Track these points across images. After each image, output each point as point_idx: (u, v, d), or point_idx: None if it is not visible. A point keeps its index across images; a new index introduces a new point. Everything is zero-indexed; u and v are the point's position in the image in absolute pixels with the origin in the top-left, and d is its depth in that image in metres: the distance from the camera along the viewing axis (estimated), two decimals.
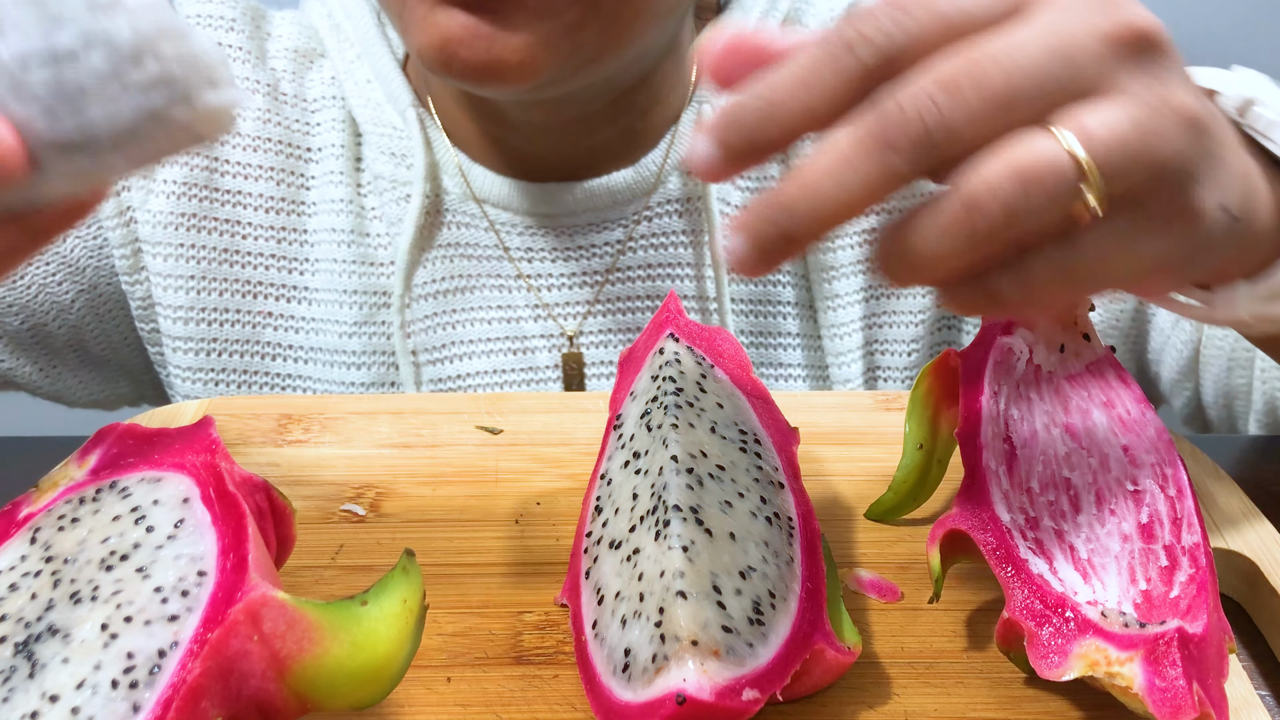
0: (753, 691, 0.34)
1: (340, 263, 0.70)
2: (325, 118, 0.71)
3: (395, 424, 0.55)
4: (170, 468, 0.36)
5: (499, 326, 0.70)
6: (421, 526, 0.48)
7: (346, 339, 0.70)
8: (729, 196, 0.70)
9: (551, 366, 0.70)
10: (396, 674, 0.32)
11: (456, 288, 0.70)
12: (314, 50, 0.73)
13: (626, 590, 0.37)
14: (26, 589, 0.33)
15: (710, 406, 0.43)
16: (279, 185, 0.70)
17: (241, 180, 0.70)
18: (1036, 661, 0.36)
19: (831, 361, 0.71)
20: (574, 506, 0.49)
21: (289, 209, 0.71)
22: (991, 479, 0.41)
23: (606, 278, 0.70)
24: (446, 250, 0.69)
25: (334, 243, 0.70)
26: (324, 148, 0.71)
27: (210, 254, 0.69)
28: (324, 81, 0.72)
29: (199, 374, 0.70)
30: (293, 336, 0.71)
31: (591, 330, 0.71)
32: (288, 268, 0.71)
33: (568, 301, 0.70)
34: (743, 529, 0.39)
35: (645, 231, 0.70)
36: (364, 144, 0.70)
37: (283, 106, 0.71)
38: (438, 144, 0.69)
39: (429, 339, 0.70)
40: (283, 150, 0.71)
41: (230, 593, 0.32)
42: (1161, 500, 0.41)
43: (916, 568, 0.46)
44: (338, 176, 0.70)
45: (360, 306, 0.70)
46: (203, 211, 0.69)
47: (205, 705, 0.30)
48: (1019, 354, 0.44)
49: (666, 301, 0.47)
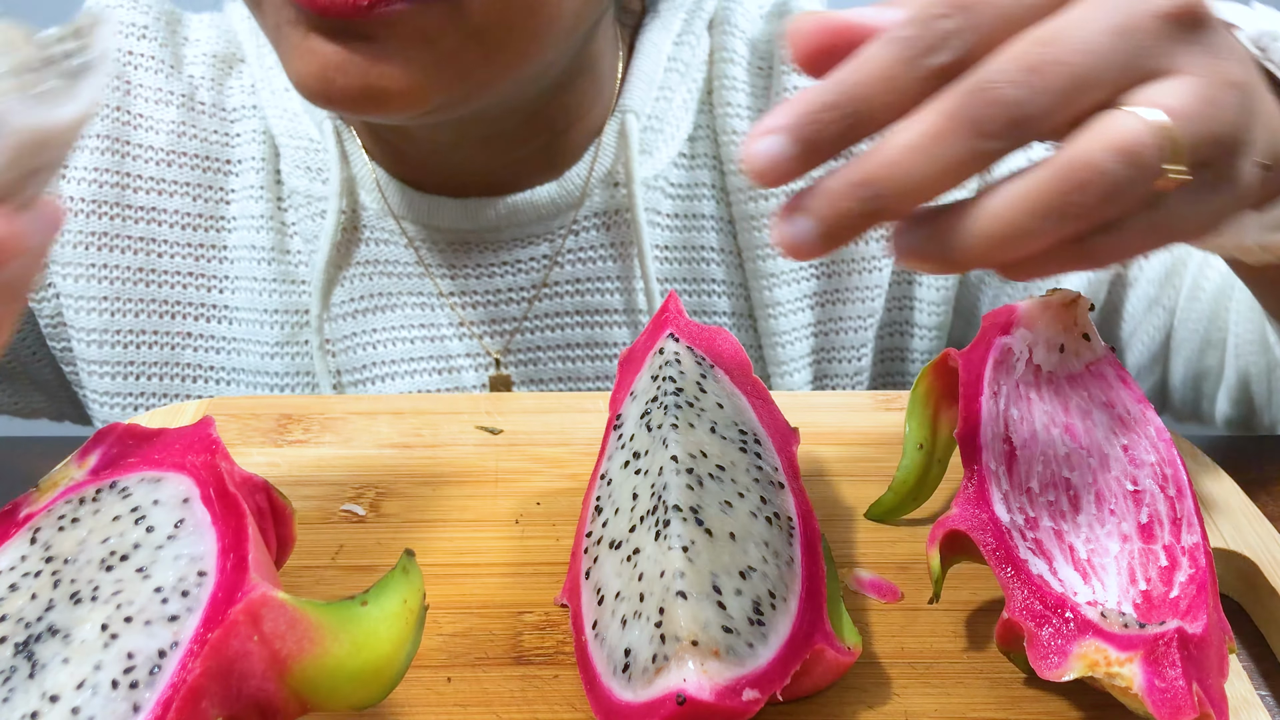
0: (753, 691, 0.34)
1: (261, 280, 0.68)
2: (245, 128, 0.69)
3: (395, 424, 0.55)
4: (170, 468, 0.36)
5: (421, 345, 0.68)
6: (421, 526, 0.48)
7: (269, 360, 0.69)
8: (659, 206, 0.69)
9: (478, 386, 0.69)
10: (396, 674, 0.32)
11: (376, 306, 0.68)
12: (234, 56, 0.70)
13: (626, 590, 0.37)
14: (26, 589, 0.33)
15: (710, 406, 0.43)
16: (195, 200, 0.68)
17: (155, 196, 0.67)
18: (1036, 662, 0.36)
19: (774, 370, 0.70)
20: (574, 506, 0.49)
21: (207, 225, 0.68)
22: (991, 479, 0.41)
23: (536, 293, 0.68)
24: (365, 268, 0.68)
25: (254, 260, 0.68)
26: (244, 160, 0.69)
27: (124, 274, 0.67)
28: (244, 90, 0.70)
29: (116, 398, 0.68)
30: (213, 357, 0.69)
31: (520, 348, 0.69)
32: (206, 285, 0.69)
33: (493, 319, 0.69)
34: (743, 529, 0.39)
35: (572, 245, 0.68)
36: (282, 156, 0.68)
37: (200, 117, 0.69)
38: (354, 158, 0.67)
39: (350, 359, 0.68)
40: (199, 164, 0.68)
41: (230, 593, 0.32)
42: (1161, 500, 0.41)
43: (916, 568, 0.46)
44: (258, 191, 0.68)
45: (282, 326, 0.68)
46: (114, 230, 0.67)
47: (205, 705, 0.30)
48: (1019, 354, 0.44)
49: (666, 302, 0.47)
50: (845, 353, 0.72)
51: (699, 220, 0.70)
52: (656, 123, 0.68)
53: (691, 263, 0.70)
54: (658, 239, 0.69)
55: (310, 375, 0.69)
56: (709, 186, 0.70)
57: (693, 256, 0.70)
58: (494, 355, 0.69)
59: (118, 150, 0.67)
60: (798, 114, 0.32)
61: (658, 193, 0.69)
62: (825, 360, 0.72)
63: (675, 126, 0.69)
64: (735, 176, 0.69)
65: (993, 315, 0.45)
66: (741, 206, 0.69)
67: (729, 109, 0.68)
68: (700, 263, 0.70)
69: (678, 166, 0.69)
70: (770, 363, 0.70)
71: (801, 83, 0.68)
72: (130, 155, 0.67)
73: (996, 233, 0.33)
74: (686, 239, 0.70)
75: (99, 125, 0.66)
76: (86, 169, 0.66)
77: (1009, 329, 0.44)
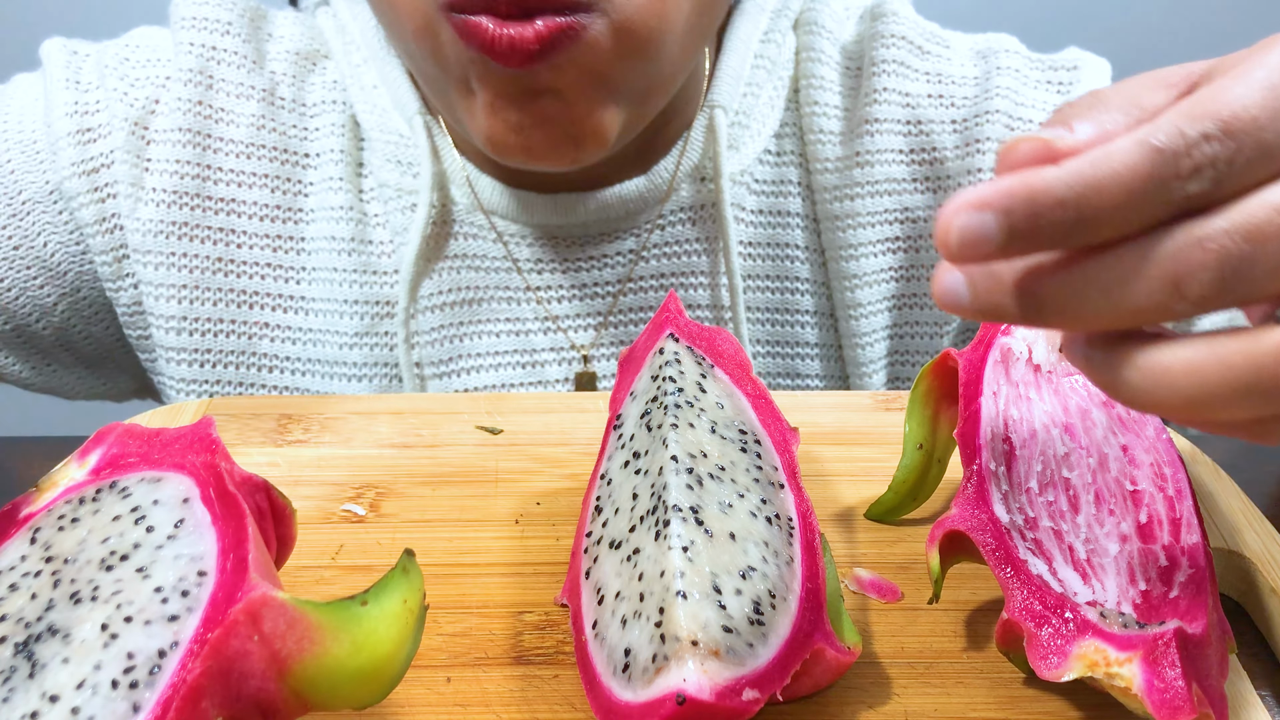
0: (753, 691, 0.34)
1: (340, 271, 0.69)
2: (325, 122, 0.70)
3: (395, 424, 0.55)
4: (170, 468, 0.36)
5: (507, 339, 0.69)
6: (421, 526, 0.48)
7: (347, 350, 0.69)
8: (744, 202, 0.69)
9: (561, 380, 0.69)
10: (396, 674, 0.32)
11: (464, 299, 0.68)
12: (317, 52, 0.72)
13: (626, 590, 0.37)
14: (26, 589, 0.33)
15: (710, 406, 0.43)
16: (274, 193, 0.69)
17: (235, 188, 0.68)
18: (1036, 662, 0.36)
19: (853, 372, 0.70)
20: (574, 506, 0.49)
21: (285, 216, 0.69)
22: (990, 479, 0.41)
23: (621, 288, 0.69)
24: (454, 262, 0.68)
25: (333, 251, 0.69)
26: (322, 153, 0.70)
27: (203, 263, 0.68)
28: (325, 85, 0.71)
29: (193, 385, 0.69)
30: (290, 348, 0.70)
31: (605, 342, 0.69)
32: (284, 276, 0.69)
33: (578, 313, 0.69)
34: (743, 529, 0.39)
35: (658, 240, 0.69)
36: (368, 150, 0.69)
37: (279, 111, 0.70)
38: (445, 153, 0.68)
39: (434, 352, 0.68)
40: (278, 157, 0.69)
41: (230, 593, 0.32)
42: (1160, 500, 0.41)
43: (916, 568, 0.46)
44: (337, 183, 0.69)
45: (361, 317, 0.69)
46: (194, 220, 0.68)
47: (205, 705, 0.30)
48: (1018, 354, 0.44)
49: (666, 302, 0.47)
50: (919, 357, 0.72)
51: (784, 217, 0.70)
52: (744, 118, 0.69)
53: (776, 259, 0.71)
54: (743, 235, 0.70)
55: (389, 366, 0.69)
56: (795, 184, 0.70)
57: (777, 254, 0.71)
58: (580, 350, 0.69)
59: (199, 143, 0.68)
60: (1017, 197, 0.29)
61: (743, 188, 0.69)
62: (899, 364, 0.72)
63: (762, 123, 0.70)
64: (821, 175, 0.69)
65: None
66: (826, 206, 0.69)
67: (816, 108, 0.69)
68: (785, 260, 0.71)
69: (764, 163, 0.70)
70: (850, 363, 0.70)
71: (893, 84, 0.68)
72: (211, 148, 0.68)
73: (1181, 392, 0.30)
74: (771, 235, 0.70)
75: (182, 119, 0.67)
76: (168, 160, 0.67)
77: (1009, 328, 0.44)
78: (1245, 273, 0.29)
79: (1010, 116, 0.68)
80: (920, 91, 0.69)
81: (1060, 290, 0.30)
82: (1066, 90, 0.69)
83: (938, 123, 0.69)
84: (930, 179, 0.69)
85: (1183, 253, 0.29)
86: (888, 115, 0.68)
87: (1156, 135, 0.29)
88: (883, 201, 0.69)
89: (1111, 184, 0.29)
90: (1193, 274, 0.29)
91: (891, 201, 0.69)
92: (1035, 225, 0.29)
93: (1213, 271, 0.29)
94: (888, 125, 0.68)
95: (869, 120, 0.68)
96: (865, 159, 0.68)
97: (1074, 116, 0.32)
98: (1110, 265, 0.29)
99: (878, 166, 0.68)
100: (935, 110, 0.69)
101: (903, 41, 0.69)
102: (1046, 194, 0.29)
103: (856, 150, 0.68)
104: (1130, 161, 0.29)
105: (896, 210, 0.69)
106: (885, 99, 0.68)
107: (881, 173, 0.69)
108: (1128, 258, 0.29)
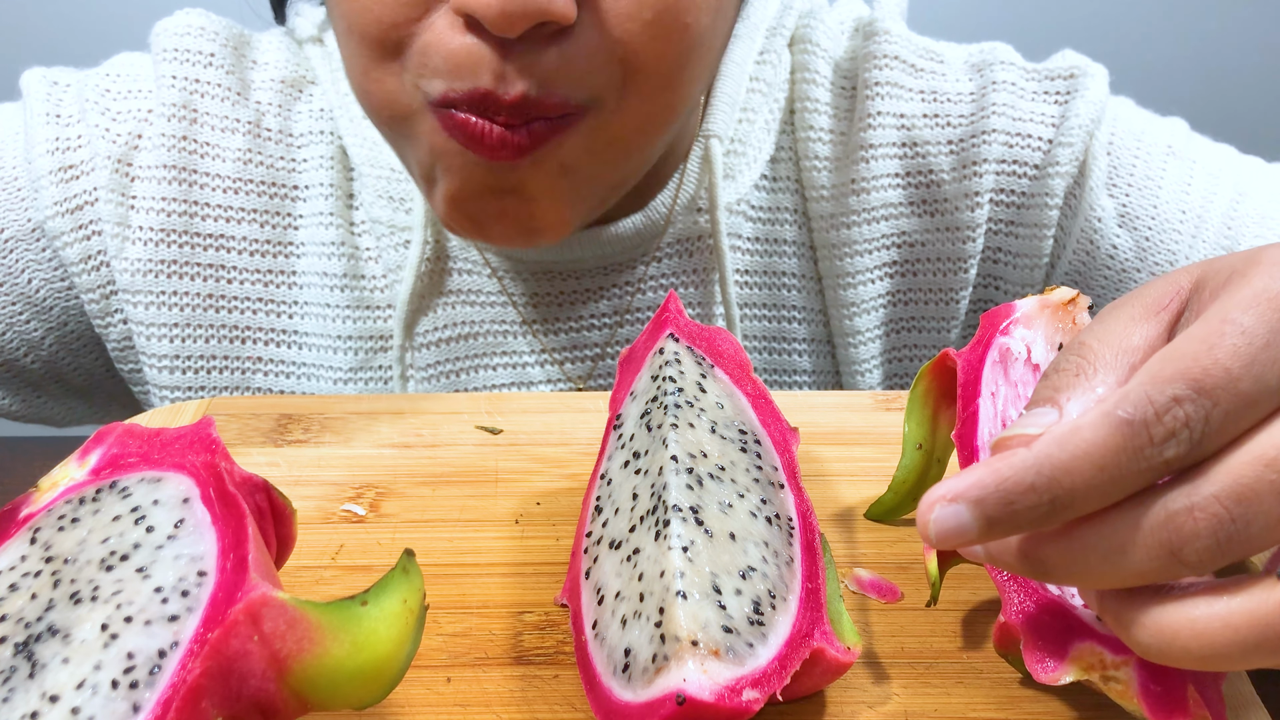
0: (753, 692, 0.34)
1: (333, 307, 0.68)
2: (313, 154, 0.69)
3: (395, 424, 0.55)
4: (170, 468, 0.36)
5: (503, 373, 0.68)
6: (421, 526, 0.48)
7: (341, 385, 0.69)
8: (740, 230, 0.69)
9: None
10: (396, 674, 0.32)
11: (459, 335, 0.68)
12: (303, 79, 0.70)
13: (626, 590, 0.37)
14: (26, 589, 0.33)
15: (710, 406, 0.43)
16: (263, 227, 0.68)
17: (223, 223, 0.67)
18: (1033, 666, 0.36)
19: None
20: (574, 506, 0.49)
21: (275, 250, 0.68)
22: None
23: (619, 320, 0.68)
24: (449, 298, 0.68)
25: (325, 286, 0.68)
26: (311, 185, 0.68)
27: (194, 300, 0.67)
28: (312, 114, 0.69)
29: None
30: (284, 382, 0.69)
31: (602, 374, 0.69)
32: (276, 311, 0.69)
33: (575, 345, 0.69)
34: (743, 529, 0.39)
35: (655, 273, 0.68)
36: (359, 183, 0.68)
37: (266, 144, 0.69)
38: None
39: (430, 387, 0.68)
40: (266, 190, 0.68)
41: (230, 593, 0.32)
42: None
43: (916, 568, 0.46)
44: (327, 218, 0.68)
45: (355, 352, 0.68)
46: (183, 257, 0.67)
47: (205, 705, 0.30)
48: (1017, 354, 0.44)
49: (666, 301, 0.47)
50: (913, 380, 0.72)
51: (779, 245, 0.70)
52: (739, 145, 0.68)
53: (771, 288, 0.70)
54: (738, 263, 0.69)
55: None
56: (790, 211, 0.70)
57: (772, 282, 0.70)
58: (575, 383, 0.69)
59: (185, 180, 0.67)
60: (988, 488, 0.29)
61: (739, 217, 0.69)
62: (895, 389, 0.71)
63: (757, 149, 0.69)
64: (816, 204, 0.68)
65: (991, 314, 0.45)
66: (823, 234, 0.69)
67: (811, 133, 0.68)
68: (780, 288, 0.70)
69: (759, 189, 0.69)
70: (846, 389, 0.70)
71: (888, 107, 0.68)
72: (198, 184, 0.67)
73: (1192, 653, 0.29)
74: (767, 264, 0.70)
75: (166, 155, 0.66)
76: (154, 198, 0.66)
77: (1007, 328, 0.44)
78: (1241, 534, 0.28)
79: (1009, 134, 0.67)
80: (915, 112, 0.68)
81: (1062, 557, 0.30)
82: (1064, 100, 0.68)
83: (934, 144, 0.68)
84: (927, 202, 0.69)
85: (1174, 521, 0.28)
86: (883, 140, 0.68)
87: (1124, 406, 0.28)
88: (879, 227, 0.68)
89: (1082, 463, 0.28)
90: (1187, 542, 0.28)
91: (888, 226, 0.69)
92: (1011, 512, 0.29)
93: (1207, 539, 0.28)
94: (883, 150, 0.68)
95: (864, 146, 0.67)
96: (861, 186, 0.68)
97: (1063, 391, 0.31)
98: (1106, 535, 0.29)
99: (874, 193, 0.68)
100: (931, 131, 0.68)
101: (896, 61, 0.68)
102: (1017, 483, 0.29)
103: (852, 177, 0.68)
104: (1097, 438, 0.28)
105: (893, 235, 0.69)
106: (880, 123, 0.68)
107: (878, 199, 0.68)
108: (1121, 528, 0.29)
